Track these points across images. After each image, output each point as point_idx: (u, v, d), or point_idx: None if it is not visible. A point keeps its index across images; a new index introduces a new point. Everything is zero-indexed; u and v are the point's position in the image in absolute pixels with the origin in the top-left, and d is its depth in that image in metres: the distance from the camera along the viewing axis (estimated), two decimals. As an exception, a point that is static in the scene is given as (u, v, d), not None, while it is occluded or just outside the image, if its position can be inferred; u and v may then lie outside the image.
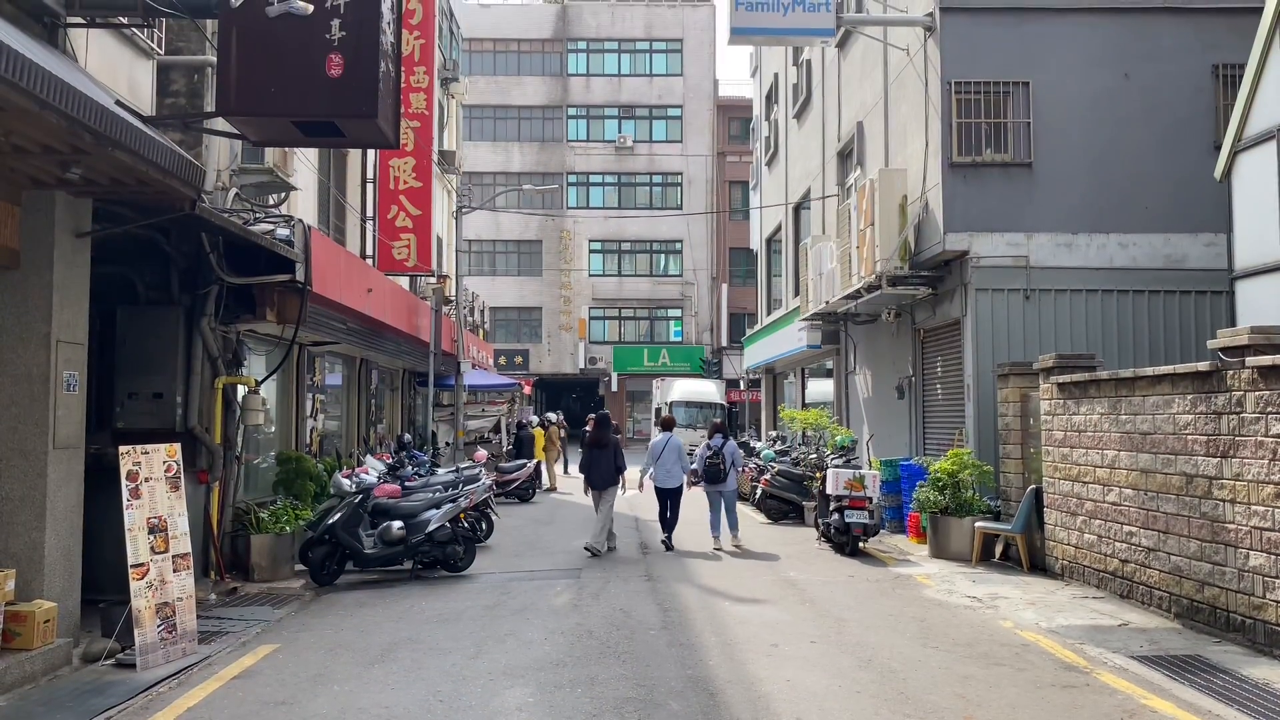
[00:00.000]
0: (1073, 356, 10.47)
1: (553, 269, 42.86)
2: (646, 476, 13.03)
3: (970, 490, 11.61)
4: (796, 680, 6.52)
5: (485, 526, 12.91)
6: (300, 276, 9.83)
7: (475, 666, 6.91)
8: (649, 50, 43.90)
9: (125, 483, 7.09)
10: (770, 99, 25.74)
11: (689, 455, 13.49)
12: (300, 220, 10.23)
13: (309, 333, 12.04)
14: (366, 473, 11.30)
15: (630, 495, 13.23)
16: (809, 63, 20.58)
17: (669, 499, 12.87)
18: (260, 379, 10.75)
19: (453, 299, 22.04)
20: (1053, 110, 12.53)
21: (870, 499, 12.07)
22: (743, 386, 35.74)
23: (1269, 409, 7.02)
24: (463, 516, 10.99)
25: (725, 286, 41.66)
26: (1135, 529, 8.76)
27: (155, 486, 7.29)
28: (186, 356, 9.46)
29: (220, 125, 8.62)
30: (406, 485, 12.49)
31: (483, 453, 20.56)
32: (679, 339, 42.93)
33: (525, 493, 19.31)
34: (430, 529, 10.46)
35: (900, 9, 13.97)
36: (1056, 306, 12.43)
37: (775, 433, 22.66)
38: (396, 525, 10.41)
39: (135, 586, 6.94)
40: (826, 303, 16.49)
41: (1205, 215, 12.33)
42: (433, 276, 20.10)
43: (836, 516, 12.07)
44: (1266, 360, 6.98)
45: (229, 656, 7.23)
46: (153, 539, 7.16)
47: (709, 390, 34.81)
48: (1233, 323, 10.78)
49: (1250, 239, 10.44)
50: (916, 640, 7.62)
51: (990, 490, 11.85)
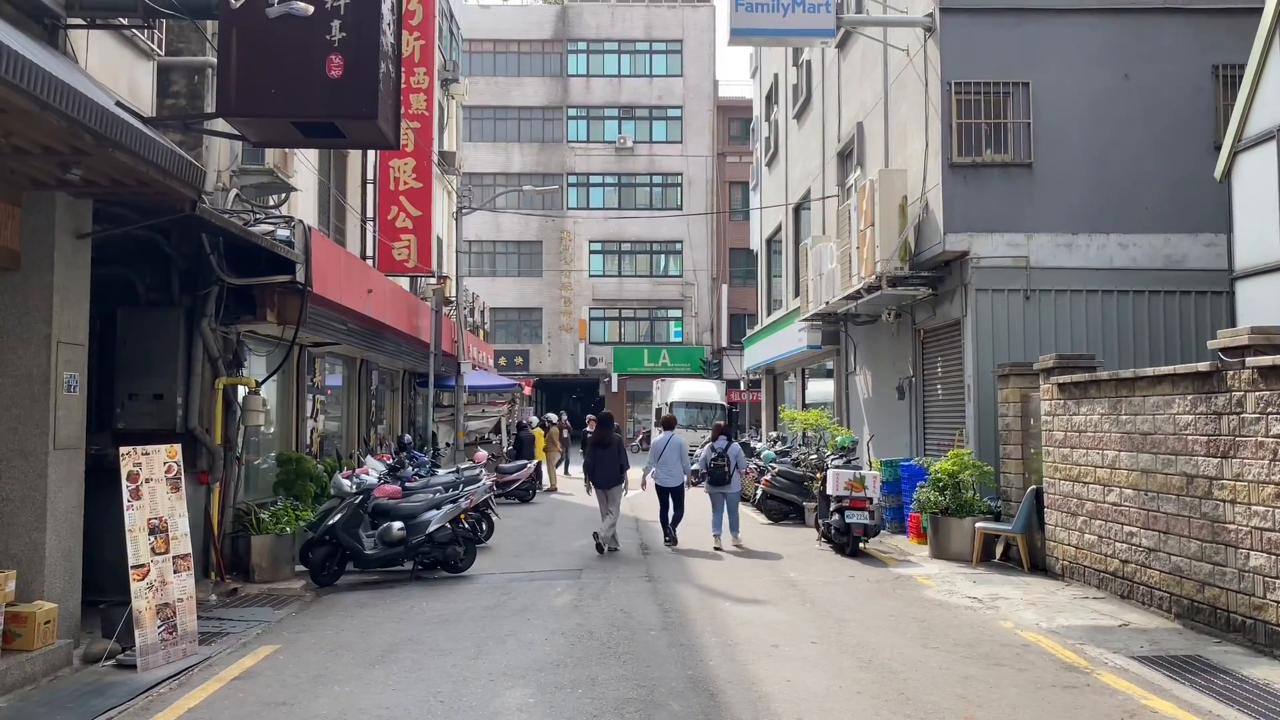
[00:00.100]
0: (1073, 357, 10.47)
1: (553, 270, 42.86)
2: (649, 475, 13.10)
3: (971, 491, 11.62)
4: (797, 681, 6.52)
5: (485, 527, 12.92)
6: (300, 277, 9.83)
7: (476, 667, 6.91)
8: (649, 51, 43.89)
9: (126, 483, 7.09)
10: (770, 99, 25.75)
11: (689, 455, 13.55)
12: (300, 221, 10.23)
13: (309, 333, 12.04)
14: (367, 473, 11.31)
15: (632, 495, 13.23)
16: (809, 63, 20.59)
17: (671, 497, 12.99)
18: (261, 380, 10.75)
19: (453, 300, 22.05)
20: (1053, 110, 12.53)
21: (871, 499, 12.08)
22: (743, 387, 35.74)
23: (1269, 409, 7.02)
24: (463, 517, 11.00)
25: (725, 287, 41.66)
26: (1136, 529, 8.76)
27: (156, 487, 7.30)
28: (187, 357, 9.47)
29: (220, 126, 8.62)
30: (407, 486, 12.48)
31: (483, 453, 20.56)
32: (679, 340, 42.92)
33: (525, 493, 19.32)
34: (431, 530, 10.46)
35: (900, 9, 13.98)
36: (1057, 307, 12.43)
37: (775, 433, 22.67)
38: (397, 526, 10.42)
39: (136, 587, 6.95)
40: (827, 303, 16.50)
41: (1205, 215, 12.34)
42: (433, 277, 20.11)
43: (837, 517, 12.08)
44: (1267, 360, 6.98)
45: (229, 657, 7.24)
46: (153, 540, 7.17)
47: (709, 391, 34.82)
48: (1233, 323, 10.78)
49: (1250, 239, 10.44)
50: (917, 641, 7.62)
51: (991, 491, 11.86)
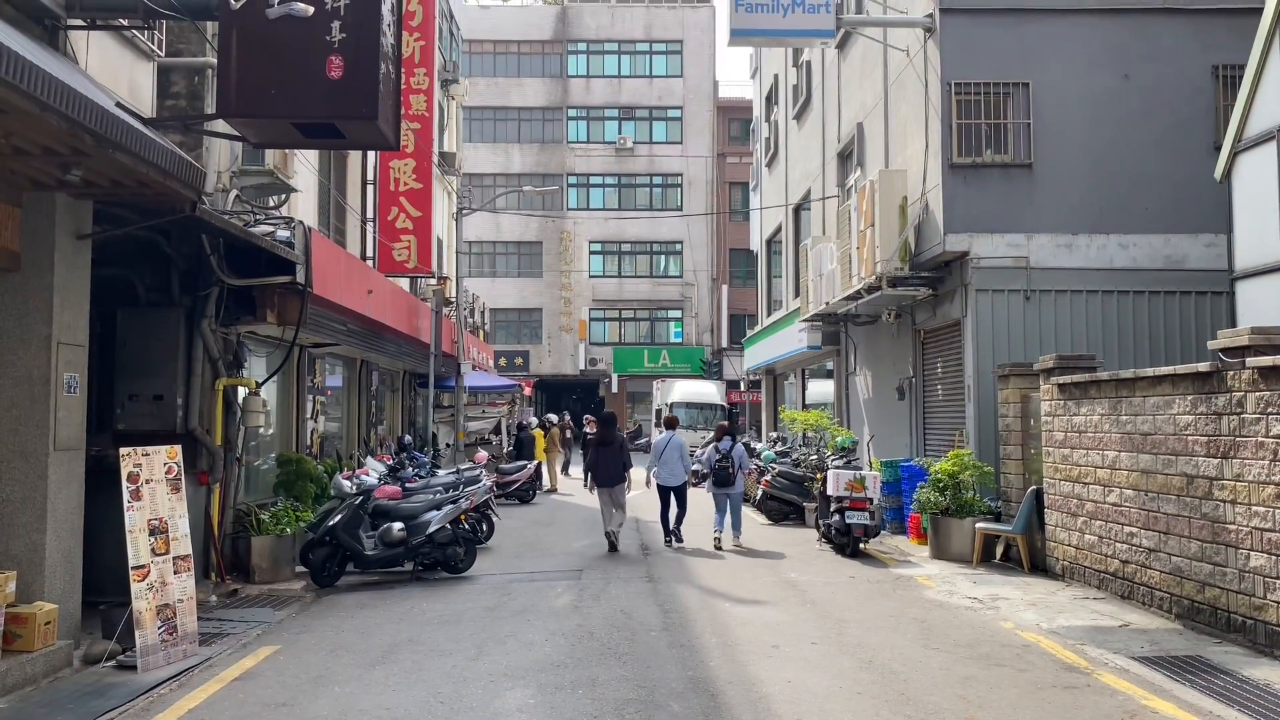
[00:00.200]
0: (1073, 357, 10.47)
1: (553, 270, 42.86)
2: (651, 474, 13.18)
3: (971, 491, 11.61)
4: (797, 681, 6.52)
5: (486, 528, 12.92)
6: (300, 278, 9.84)
7: (476, 668, 6.91)
8: (649, 51, 43.89)
9: (126, 484, 7.09)
10: (770, 100, 25.75)
11: (689, 455, 13.59)
12: (300, 222, 10.24)
13: (309, 334, 12.05)
14: (367, 474, 11.32)
15: (633, 495, 13.26)
16: (809, 64, 20.59)
17: (673, 496, 13.06)
18: (261, 381, 10.76)
19: (453, 300, 22.06)
20: (1053, 111, 12.53)
21: (871, 500, 12.08)
22: (743, 387, 35.73)
23: (1269, 410, 7.02)
24: (463, 518, 10.99)
25: (725, 288, 41.65)
26: (1136, 530, 8.76)
27: (156, 488, 7.30)
28: (187, 358, 9.47)
29: (220, 127, 8.62)
30: (407, 487, 12.48)
31: (483, 454, 20.56)
32: (679, 340, 42.91)
33: (526, 494, 19.32)
34: (431, 530, 10.46)
35: (900, 10, 13.98)
36: (1057, 307, 12.43)
37: (776, 434, 22.66)
38: (397, 527, 10.42)
39: (136, 588, 6.95)
40: (827, 304, 16.50)
41: (1205, 216, 12.34)
42: (433, 278, 20.12)
43: (837, 517, 12.07)
44: (1267, 361, 6.98)
45: (230, 658, 7.23)
46: (153, 541, 7.17)
47: (709, 391, 34.82)
48: (1233, 323, 10.78)
49: (1250, 239, 10.44)
50: (917, 641, 7.61)
51: (991, 491, 11.86)
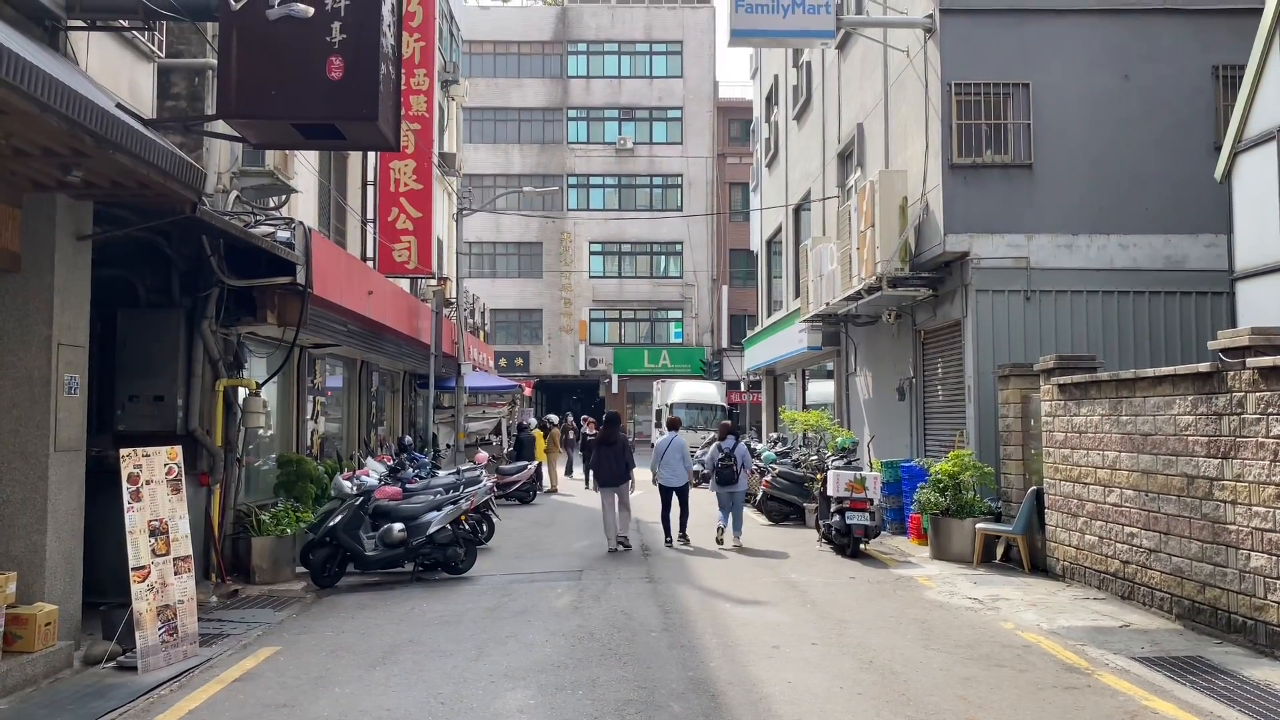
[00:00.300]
0: (1073, 357, 10.47)
1: (553, 271, 42.87)
2: (656, 475, 13.27)
3: (971, 492, 11.61)
4: (798, 682, 6.51)
5: (486, 528, 12.92)
6: (301, 279, 9.84)
7: (476, 668, 6.91)
8: (649, 52, 43.90)
9: (126, 485, 7.09)
10: (770, 100, 25.75)
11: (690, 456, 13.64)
12: (301, 223, 10.24)
13: (310, 335, 12.05)
14: (367, 475, 11.32)
15: (635, 496, 13.28)
16: (809, 64, 20.59)
17: (675, 497, 13.13)
18: (261, 381, 10.76)
19: (453, 301, 22.07)
20: (1053, 111, 12.54)
21: (871, 500, 12.08)
22: (743, 388, 35.72)
23: (1270, 410, 7.02)
24: (464, 519, 10.99)
25: (725, 288, 41.65)
26: (1136, 530, 8.76)
27: (156, 489, 7.30)
28: (187, 359, 9.47)
29: (221, 128, 8.62)
30: (407, 487, 12.49)
31: (483, 454, 20.57)
32: (679, 341, 42.92)
33: (526, 495, 19.32)
34: (431, 531, 10.46)
35: (900, 10, 13.98)
36: (1057, 307, 12.43)
37: (776, 434, 22.67)
38: (397, 527, 10.41)
39: (136, 589, 6.95)
40: (827, 304, 16.50)
41: (1205, 216, 12.33)
42: (433, 278, 20.12)
43: (837, 518, 12.07)
44: (1267, 361, 6.98)
45: (230, 659, 7.23)
46: (154, 541, 7.17)
47: (709, 392, 34.84)
48: (1233, 324, 10.78)
49: (1250, 240, 10.44)
50: (918, 642, 7.61)
51: (991, 492, 11.85)
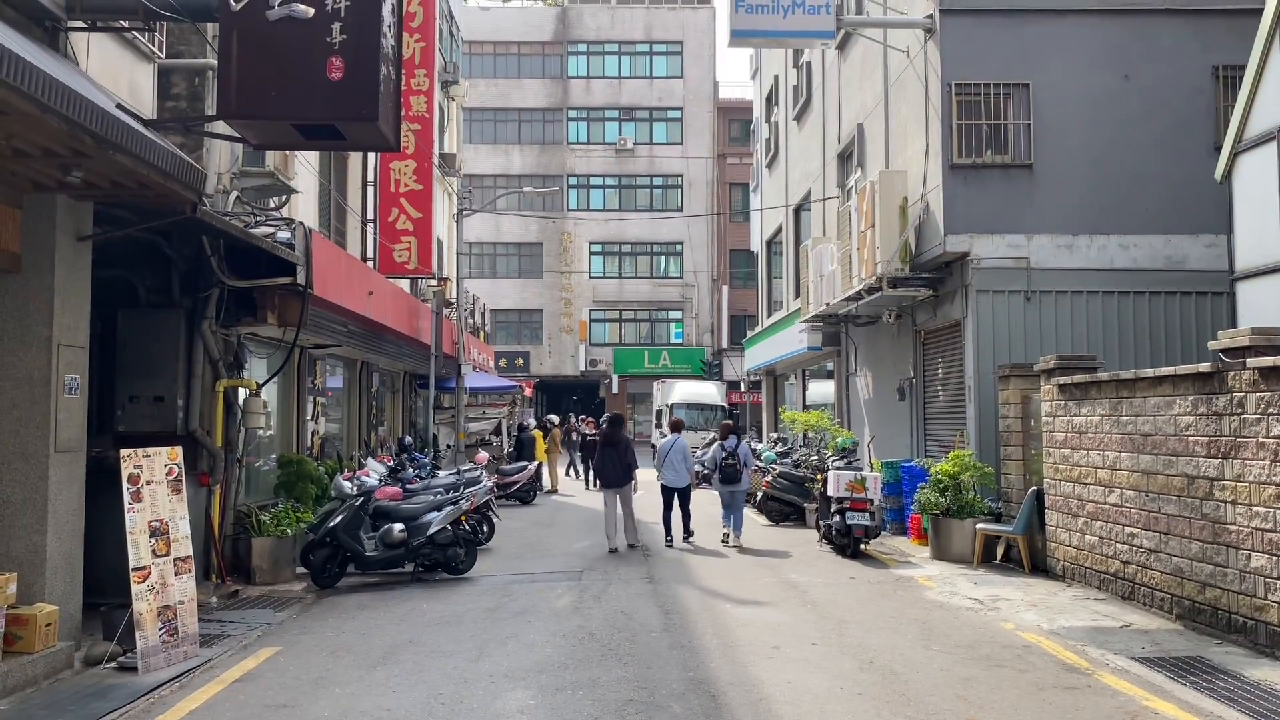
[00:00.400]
0: (1073, 358, 10.47)
1: (553, 271, 42.87)
2: (657, 475, 13.38)
3: (971, 492, 11.61)
4: (798, 682, 6.51)
5: (486, 529, 12.92)
6: (301, 279, 9.84)
7: (477, 669, 6.91)
8: (649, 52, 43.90)
9: (126, 486, 7.09)
10: (770, 101, 25.76)
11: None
12: (301, 223, 10.24)
13: (310, 335, 12.05)
14: (368, 475, 11.31)
15: (636, 497, 13.29)
16: (809, 65, 20.59)
17: (677, 497, 13.22)
18: (261, 382, 10.76)
19: (453, 301, 22.07)
20: (1053, 112, 12.53)
21: (871, 501, 12.08)
22: (743, 388, 35.72)
23: (1270, 410, 7.02)
24: (464, 519, 10.99)
25: (726, 288, 41.64)
26: (1136, 530, 8.76)
27: (156, 489, 7.30)
28: (188, 359, 9.47)
29: (221, 128, 8.62)
30: (408, 488, 12.48)
31: (484, 455, 20.54)
32: (680, 341, 42.92)
33: (526, 495, 19.32)
34: (431, 531, 10.45)
35: (900, 11, 13.98)
36: (1057, 308, 12.43)
37: (776, 434, 22.67)
38: (398, 528, 10.41)
39: (137, 589, 6.95)
40: (827, 304, 16.50)
41: (1206, 216, 12.33)
42: (433, 279, 20.12)
43: (838, 518, 12.07)
44: (1267, 361, 6.98)
45: (230, 659, 7.23)
46: (154, 542, 7.17)
47: (709, 392, 34.84)
48: (1233, 324, 10.78)
49: (1251, 240, 10.44)
50: (918, 642, 7.61)
51: (991, 492, 11.85)
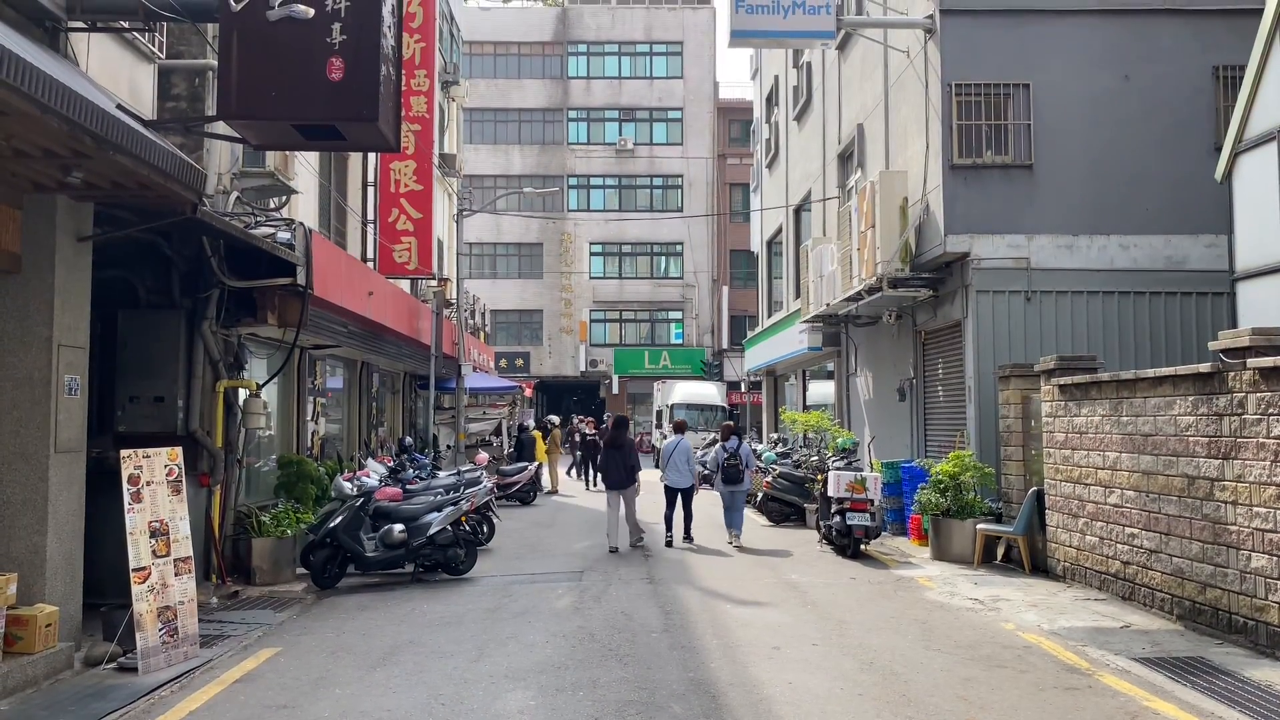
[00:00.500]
0: (1074, 358, 10.47)
1: (553, 271, 42.86)
2: (661, 476, 13.46)
3: (972, 492, 11.61)
4: (798, 683, 6.51)
5: (486, 529, 12.92)
6: (301, 280, 9.84)
7: (477, 669, 6.91)
8: (649, 53, 43.89)
9: (127, 486, 7.09)
10: (770, 101, 25.75)
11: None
12: (301, 223, 10.24)
13: (310, 336, 12.05)
14: (368, 476, 11.31)
15: (639, 499, 13.31)
16: (809, 65, 20.59)
17: (680, 498, 13.28)
18: (261, 382, 10.76)
19: (454, 302, 22.06)
20: (1053, 112, 12.53)
21: (872, 501, 12.08)
22: (743, 389, 35.73)
23: (1270, 410, 7.01)
24: (464, 519, 10.99)
25: (726, 289, 41.63)
26: (1137, 531, 8.75)
27: (157, 490, 7.30)
28: (188, 360, 9.47)
29: (221, 129, 8.62)
30: (408, 488, 12.48)
31: (484, 455, 20.51)
32: (680, 341, 42.90)
33: (526, 495, 19.32)
34: (432, 532, 10.45)
35: (900, 11, 13.98)
36: (1057, 308, 12.43)
37: (776, 435, 22.67)
38: (398, 528, 10.41)
39: (137, 590, 6.94)
40: (827, 305, 16.50)
41: (1206, 216, 12.33)
42: (433, 279, 20.12)
43: (838, 519, 12.07)
44: (1268, 362, 6.98)
45: (230, 660, 7.23)
46: (154, 542, 7.17)
47: (710, 392, 34.85)
48: (1234, 324, 10.77)
49: (1251, 240, 10.44)
50: (918, 643, 7.61)
51: (992, 492, 11.85)
